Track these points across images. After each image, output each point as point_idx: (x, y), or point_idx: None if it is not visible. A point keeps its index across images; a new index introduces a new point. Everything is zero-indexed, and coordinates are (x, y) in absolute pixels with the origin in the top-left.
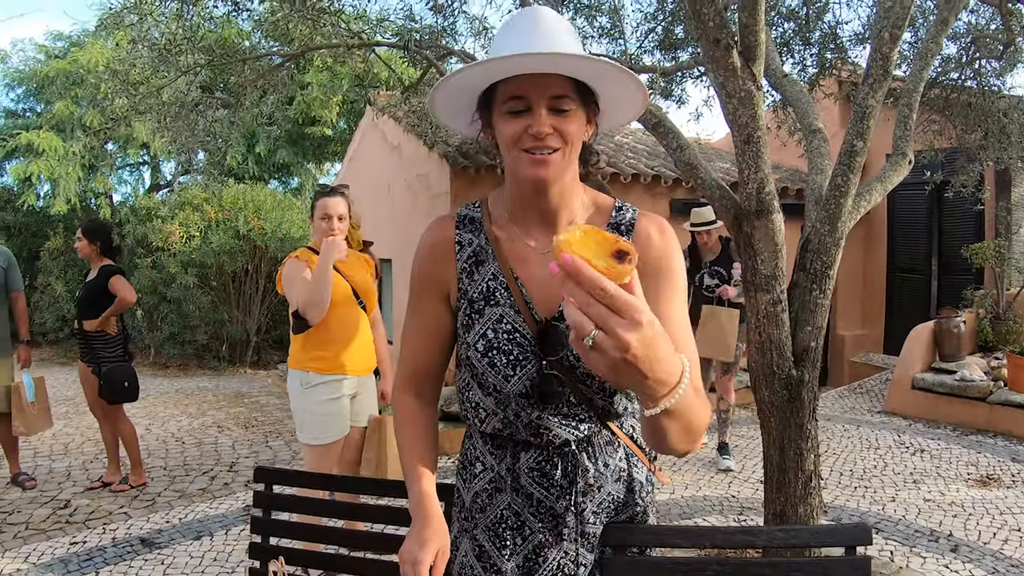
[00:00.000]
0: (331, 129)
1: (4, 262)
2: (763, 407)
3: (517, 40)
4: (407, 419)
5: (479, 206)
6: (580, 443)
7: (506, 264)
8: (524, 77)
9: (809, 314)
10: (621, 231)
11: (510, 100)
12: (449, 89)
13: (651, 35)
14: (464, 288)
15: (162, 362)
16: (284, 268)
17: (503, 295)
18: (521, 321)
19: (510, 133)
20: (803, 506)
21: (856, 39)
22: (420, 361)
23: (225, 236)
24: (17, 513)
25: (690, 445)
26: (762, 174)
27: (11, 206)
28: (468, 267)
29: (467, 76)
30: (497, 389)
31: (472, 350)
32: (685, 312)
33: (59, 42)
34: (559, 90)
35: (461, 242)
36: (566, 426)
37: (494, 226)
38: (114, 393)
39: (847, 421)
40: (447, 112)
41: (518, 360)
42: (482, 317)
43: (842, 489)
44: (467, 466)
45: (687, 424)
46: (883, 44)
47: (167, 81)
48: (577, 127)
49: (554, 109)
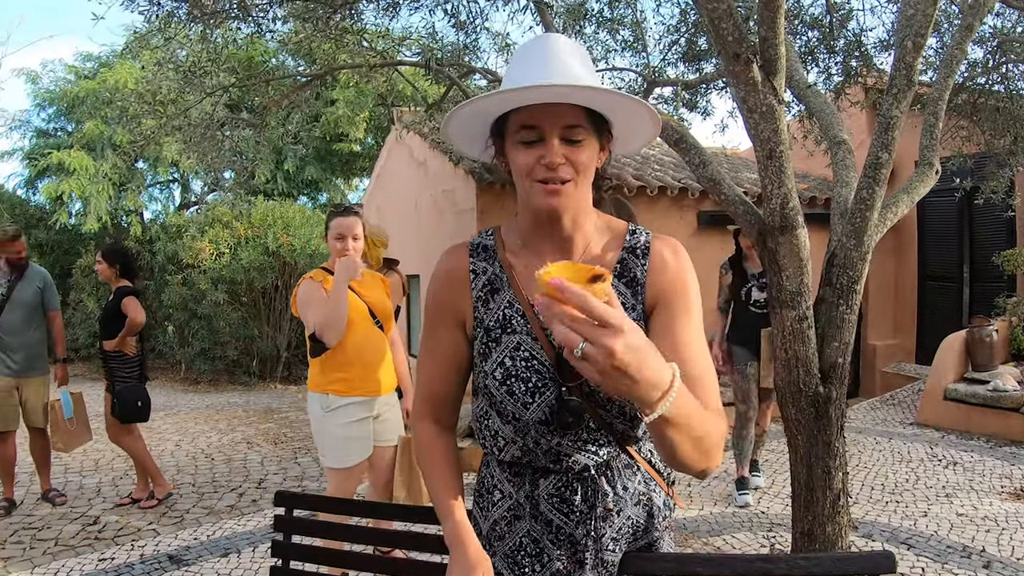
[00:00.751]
0: (359, 145)
1: (41, 282)
2: (790, 425)
3: (531, 69)
4: (429, 448)
5: (492, 235)
6: (599, 468)
7: (521, 291)
8: (537, 106)
9: (836, 330)
10: (636, 254)
11: (522, 130)
12: (462, 117)
13: (674, 47)
14: (480, 317)
15: (193, 378)
16: (299, 290)
17: (520, 323)
18: (539, 348)
19: (523, 163)
20: (831, 525)
21: (881, 46)
22: (437, 388)
23: (254, 253)
24: (47, 529)
25: (705, 461)
26: (785, 189)
27: (43, 224)
28: (483, 295)
29: (480, 105)
30: (516, 417)
31: (490, 378)
32: (701, 335)
33: (89, 63)
34: (572, 120)
35: (476, 271)
36: (585, 451)
37: (508, 253)
38: (125, 412)
39: (879, 433)
40: (461, 138)
41: (537, 387)
42: (499, 345)
43: (873, 504)
44: (484, 494)
45: (695, 437)
46: (906, 53)
47: (193, 102)
48: (589, 156)
49: (567, 139)
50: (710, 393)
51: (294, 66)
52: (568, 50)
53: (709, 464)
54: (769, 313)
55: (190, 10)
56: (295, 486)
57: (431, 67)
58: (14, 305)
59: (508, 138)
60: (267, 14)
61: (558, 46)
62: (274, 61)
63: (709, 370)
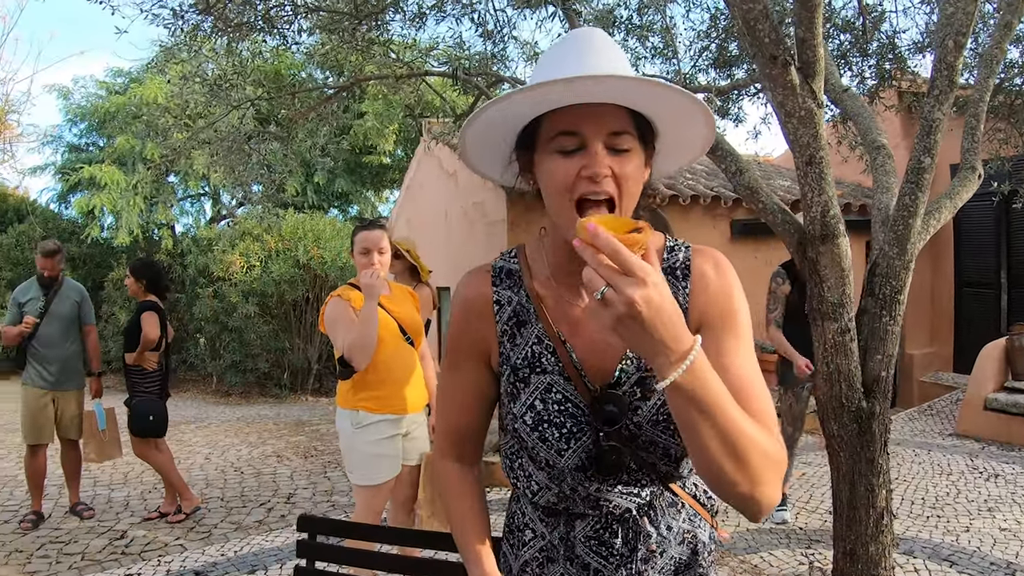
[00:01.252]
0: (388, 157)
1: (78, 296)
2: (832, 441)
3: (567, 65)
4: (453, 490)
5: (515, 256)
6: (641, 508)
7: (551, 327)
8: (577, 109)
9: (879, 342)
10: (676, 275)
11: (560, 136)
12: (487, 122)
13: (705, 53)
14: (506, 353)
15: (224, 390)
16: (326, 308)
17: (550, 361)
18: (573, 390)
19: (561, 176)
20: (874, 544)
21: (915, 48)
22: (461, 423)
23: (285, 265)
24: (74, 543)
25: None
26: (826, 196)
27: (76, 238)
28: (509, 329)
29: (509, 106)
30: (550, 464)
31: (520, 422)
32: (752, 359)
33: (119, 78)
34: (618, 125)
35: (500, 301)
36: (627, 494)
37: (535, 282)
38: (138, 426)
39: (917, 445)
40: (479, 153)
41: (572, 433)
42: (528, 386)
43: (914, 519)
44: (515, 531)
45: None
46: (947, 53)
47: (219, 116)
48: (636, 169)
49: (612, 147)
50: (765, 417)
51: (322, 78)
52: (610, 44)
53: (755, 487)
54: (811, 326)
55: (215, 23)
56: (324, 501)
57: (459, 77)
58: (52, 318)
59: (540, 148)
60: (292, 26)
61: (599, 38)
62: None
63: (763, 397)
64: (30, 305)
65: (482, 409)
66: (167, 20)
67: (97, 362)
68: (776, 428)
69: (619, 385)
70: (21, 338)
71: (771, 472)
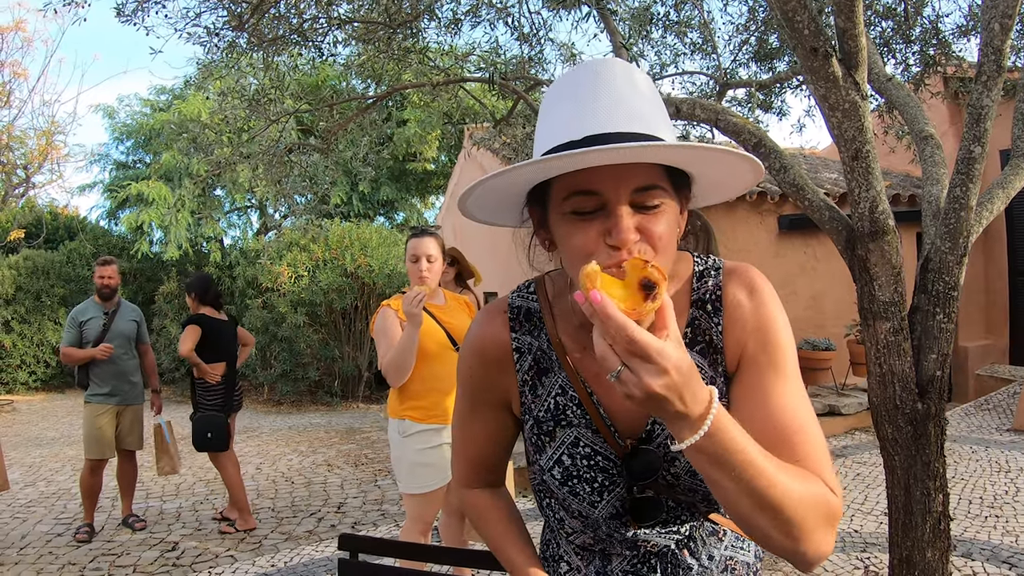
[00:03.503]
0: (432, 163)
1: (137, 316)
2: (886, 444)
3: (579, 113)
4: (487, 513)
5: (534, 292)
6: (680, 543)
7: (576, 378)
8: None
9: (933, 341)
10: (708, 310)
11: (574, 197)
12: (487, 192)
13: (744, 47)
14: (527, 404)
15: (276, 399)
16: (376, 317)
17: (576, 413)
18: (602, 443)
19: (579, 245)
20: (931, 550)
21: (959, 32)
22: (483, 454)
23: (333, 275)
24: (126, 555)
25: (780, 529)
26: (874, 191)
27: (126, 254)
28: (530, 379)
29: (512, 177)
30: (583, 515)
31: (548, 475)
32: (799, 393)
33: (163, 96)
34: (645, 180)
35: (520, 348)
36: (665, 533)
37: (559, 328)
38: (198, 441)
39: (974, 442)
40: (487, 214)
41: (604, 486)
42: (554, 440)
43: (971, 520)
44: (550, 561)
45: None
46: (994, 37)
47: (259, 130)
48: (669, 226)
49: (639, 205)
50: (812, 462)
51: (362, 88)
52: (628, 80)
53: (797, 542)
54: (861, 326)
55: (249, 39)
56: (375, 510)
57: (495, 82)
58: (113, 335)
59: (552, 207)
60: (327, 38)
61: (614, 76)
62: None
63: (810, 435)
64: (91, 324)
65: (506, 442)
66: (202, 38)
67: (155, 380)
68: (829, 467)
69: (651, 439)
70: (90, 359)
71: (816, 522)
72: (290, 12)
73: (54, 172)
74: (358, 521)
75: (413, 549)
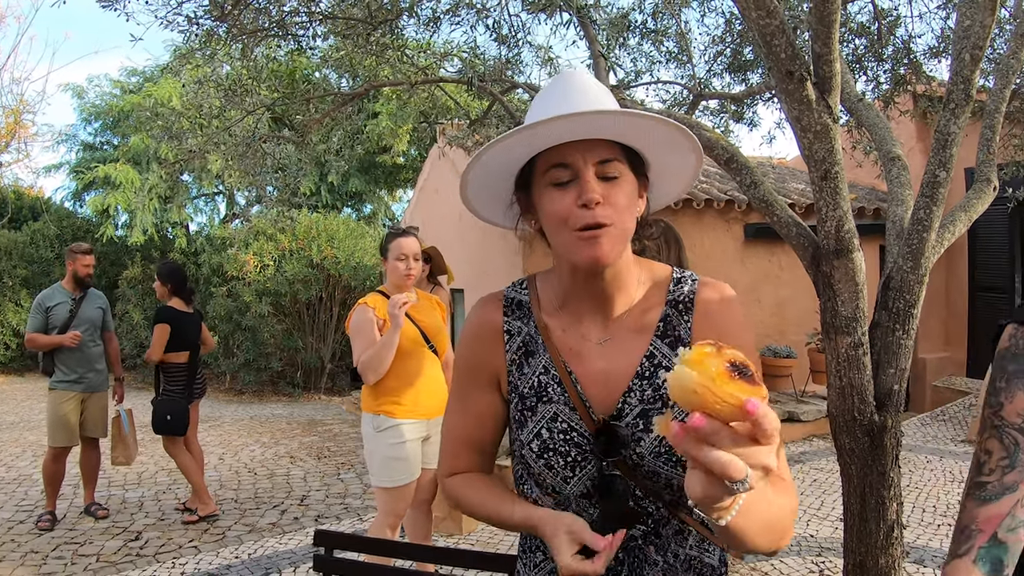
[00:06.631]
0: (402, 157)
1: (103, 303)
2: (843, 454)
3: (552, 106)
4: (468, 485)
5: (526, 287)
6: (647, 536)
7: (558, 357)
8: (567, 144)
9: (892, 356)
10: (679, 308)
11: (552, 170)
12: (484, 168)
13: (719, 58)
14: (514, 382)
15: (237, 388)
16: (353, 314)
17: (556, 391)
18: (577, 419)
19: (558, 208)
20: (884, 557)
21: (930, 53)
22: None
23: (299, 265)
24: (89, 544)
25: (776, 543)
26: (841, 211)
27: (90, 237)
28: (518, 359)
29: (502, 149)
30: (556, 490)
31: (527, 449)
32: None
33: (134, 77)
34: (606, 154)
35: (510, 331)
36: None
37: (543, 313)
38: (156, 424)
39: (929, 452)
40: (481, 198)
41: (576, 461)
42: (535, 415)
43: (924, 528)
44: (528, 552)
45: (764, 522)
46: (964, 67)
47: (234, 121)
48: (628, 197)
49: (602, 175)
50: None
51: (336, 81)
52: (593, 85)
53: (780, 545)
54: (823, 340)
55: (229, 29)
56: (338, 503)
57: (473, 84)
58: (80, 322)
59: (536, 185)
60: (307, 31)
61: (582, 80)
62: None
63: None
64: (58, 310)
65: (494, 425)
66: (182, 26)
67: (119, 367)
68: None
69: (621, 417)
70: (56, 346)
71: (792, 523)
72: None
73: (21, 151)
74: (321, 514)
75: (388, 546)
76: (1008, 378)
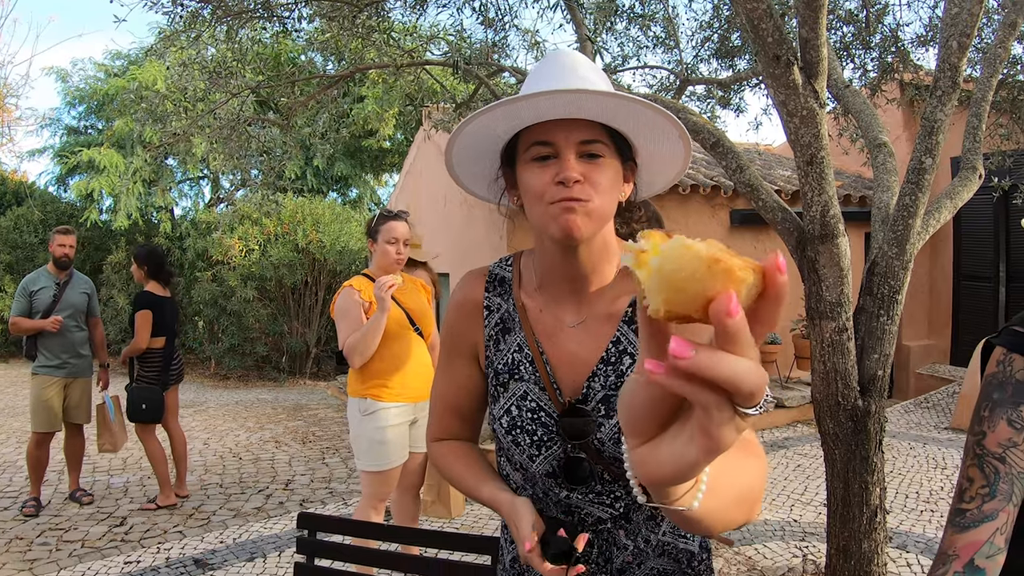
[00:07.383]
0: (388, 141)
1: (88, 288)
2: (827, 439)
3: (543, 83)
4: (451, 455)
5: (510, 265)
6: (616, 520)
7: (532, 336)
8: (551, 122)
9: (876, 341)
10: None
11: (534, 146)
12: (468, 139)
13: (707, 43)
14: (491, 357)
15: (222, 373)
16: (338, 297)
17: (528, 370)
18: (547, 400)
19: (536, 183)
20: (867, 541)
21: (918, 41)
22: (460, 403)
23: (284, 249)
24: (74, 530)
25: (748, 514)
26: (826, 196)
27: (74, 221)
28: (495, 335)
29: (485, 122)
30: (523, 467)
31: (497, 424)
32: None
33: (118, 61)
34: (589, 135)
35: (490, 307)
36: (599, 504)
37: (522, 292)
38: (131, 412)
39: (913, 438)
40: (465, 170)
41: (543, 440)
42: (507, 391)
43: (907, 513)
44: (506, 528)
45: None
46: (951, 54)
47: (218, 104)
48: (610, 179)
49: (584, 155)
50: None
51: (322, 64)
52: (585, 64)
53: (751, 517)
54: (808, 325)
55: (214, 10)
56: (323, 488)
57: (459, 67)
58: (63, 306)
59: (520, 161)
60: (292, 13)
61: (573, 59)
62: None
63: None
64: (42, 294)
65: (476, 393)
66: (166, 7)
67: (104, 354)
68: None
69: (587, 400)
70: (39, 330)
71: (763, 483)
72: None
73: (4, 136)
74: (306, 499)
75: (372, 528)
76: (992, 407)
